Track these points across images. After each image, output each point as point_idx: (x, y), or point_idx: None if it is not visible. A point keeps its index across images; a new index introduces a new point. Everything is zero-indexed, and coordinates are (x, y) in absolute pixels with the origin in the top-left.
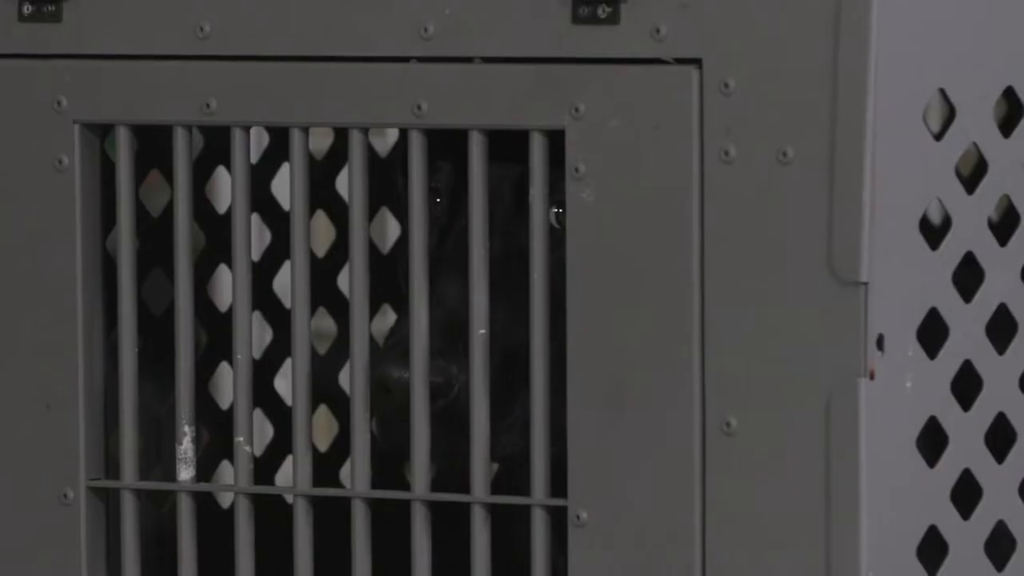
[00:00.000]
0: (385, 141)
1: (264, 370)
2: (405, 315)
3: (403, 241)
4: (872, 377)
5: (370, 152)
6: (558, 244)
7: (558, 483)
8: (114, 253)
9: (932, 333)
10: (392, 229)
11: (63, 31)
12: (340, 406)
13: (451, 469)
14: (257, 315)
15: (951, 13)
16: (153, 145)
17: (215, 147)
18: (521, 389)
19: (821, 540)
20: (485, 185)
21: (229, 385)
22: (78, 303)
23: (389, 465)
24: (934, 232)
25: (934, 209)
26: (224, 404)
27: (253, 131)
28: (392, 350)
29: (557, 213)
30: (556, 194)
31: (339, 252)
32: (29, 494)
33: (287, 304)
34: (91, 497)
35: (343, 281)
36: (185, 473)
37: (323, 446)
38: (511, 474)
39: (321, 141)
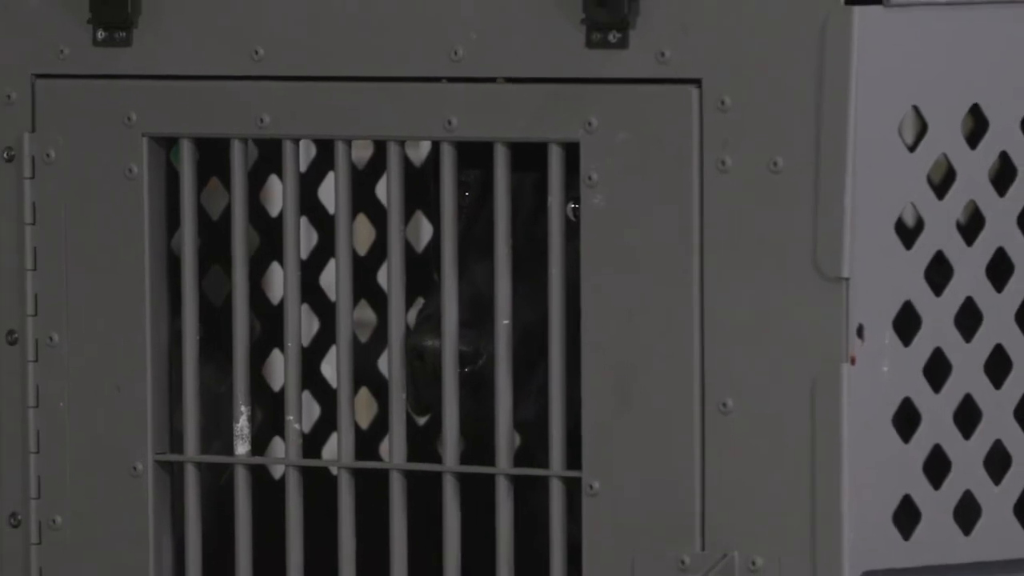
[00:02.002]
0: (419, 152)
1: (312, 356)
2: (434, 294)
3: (436, 240)
4: (853, 362)
5: (406, 162)
6: (573, 235)
7: (572, 454)
8: (178, 251)
9: (906, 323)
10: (425, 230)
11: (133, 54)
12: (379, 388)
13: (476, 435)
14: (305, 307)
15: (923, 40)
16: (213, 155)
17: (268, 157)
18: (539, 362)
19: (807, 507)
20: (509, 191)
21: (280, 369)
22: (146, 296)
23: (423, 442)
24: (908, 233)
25: (908, 213)
26: (276, 386)
27: (302, 143)
28: (424, 323)
29: (573, 209)
30: (571, 191)
31: (378, 251)
32: (103, 467)
33: (332, 297)
34: (158, 469)
35: (382, 276)
36: (241, 447)
37: (364, 423)
38: (528, 442)
39: (362, 152)
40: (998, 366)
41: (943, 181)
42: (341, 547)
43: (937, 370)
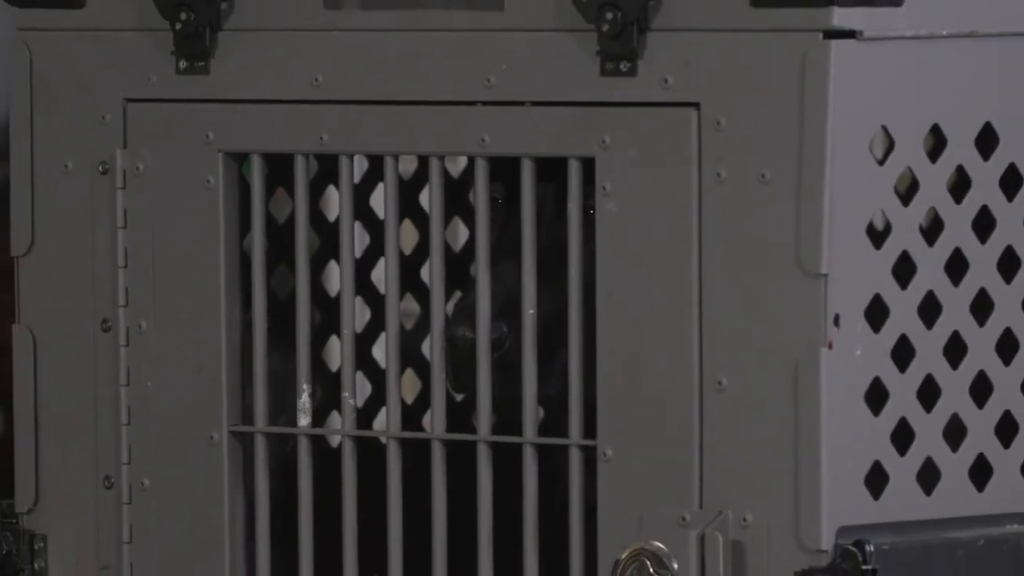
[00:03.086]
0: (457, 166)
1: (364, 341)
2: (468, 289)
3: (471, 241)
4: (830, 347)
5: (445, 174)
6: (589, 238)
7: (588, 426)
8: (249, 252)
9: (876, 313)
10: (462, 233)
11: (210, 82)
12: (422, 369)
13: (502, 411)
14: (359, 299)
15: (890, 69)
16: (279, 169)
17: (327, 170)
18: (559, 348)
19: (791, 471)
20: (534, 199)
21: (337, 352)
22: (221, 289)
23: (460, 417)
24: (878, 235)
25: (878, 218)
26: (333, 367)
27: (356, 158)
28: (457, 316)
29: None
30: (588, 200)
31: (421, 251)
32: (184, 436)
33: (382, 290)
34: (231, 439)
35: (424, 273)
36: (304, 420)
37: (409, 400)
38: (549, 417)
39: (408, 166)
40: (955, 350)
41: (908, 191)
42: (389, 506)
43: (902, 353)
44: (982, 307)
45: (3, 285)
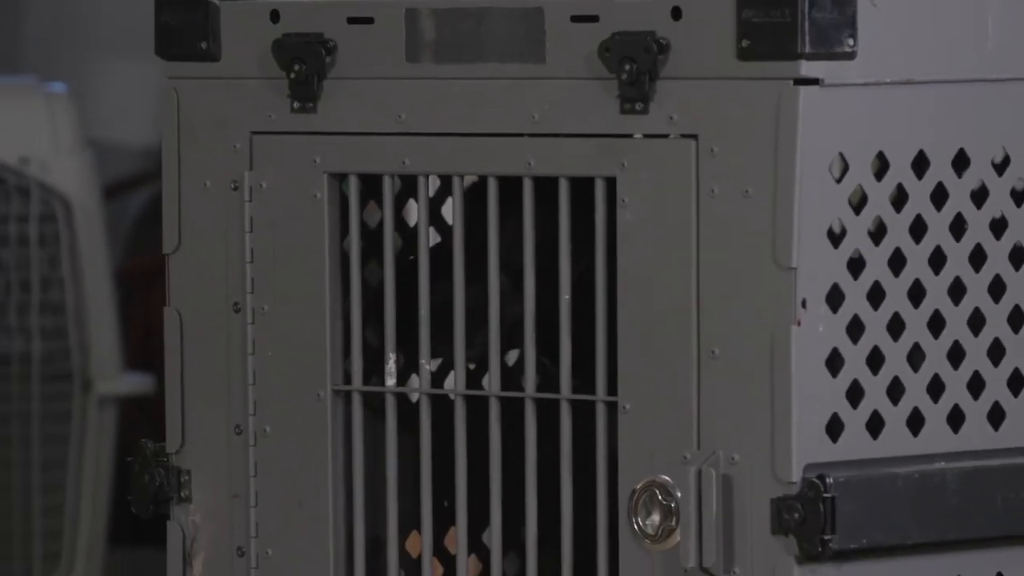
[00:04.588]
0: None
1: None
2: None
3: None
4: (799, 324)
5: (500, 190)
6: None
7: (610, 385)
8: (347, 250)
9: (834, 298)
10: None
11: (318, 118)
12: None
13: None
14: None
15: (846, 108)
16: (371, 185)
17: (408, 186)
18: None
19: (768, 420)
20: (570, 209)
21: (416, 327)
22: (325, 280)
23: (512, 383)
24: (835, 237)
25: (835, 224)
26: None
27: (430, 177)
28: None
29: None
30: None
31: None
32: (297, 394)
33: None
34: (334, 396)
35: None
36: (390, 381)
37: (472, 366)
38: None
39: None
40: (896, 326)
41: (859, 203)
42: (456, 449)
43: (855, 329)
44: (917, 293)
45: (157, 278)
